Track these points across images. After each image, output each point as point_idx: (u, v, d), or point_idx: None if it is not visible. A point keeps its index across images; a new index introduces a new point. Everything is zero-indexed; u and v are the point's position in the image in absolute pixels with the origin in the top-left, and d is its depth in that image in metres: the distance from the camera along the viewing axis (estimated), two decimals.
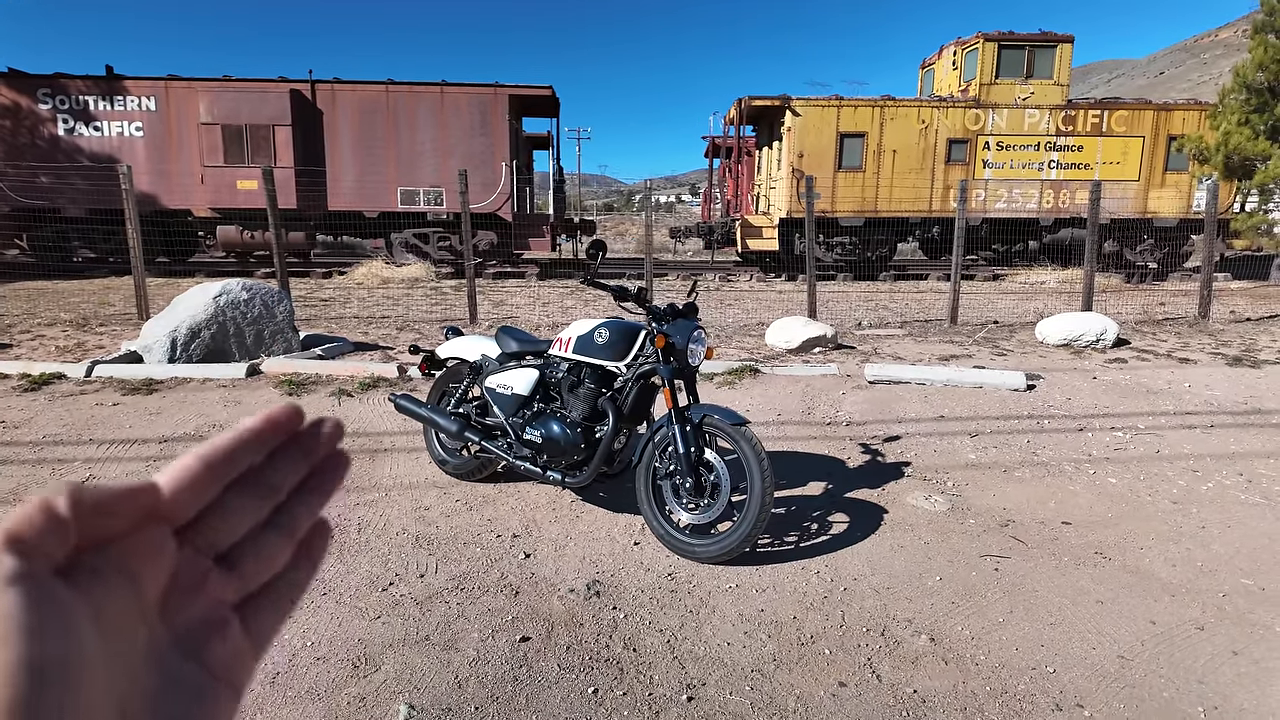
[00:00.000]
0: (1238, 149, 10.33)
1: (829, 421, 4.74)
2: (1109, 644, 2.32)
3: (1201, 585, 2.70)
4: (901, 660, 2.24)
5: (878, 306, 10.71)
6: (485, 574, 2.73)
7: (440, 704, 2.02)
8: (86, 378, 5.44)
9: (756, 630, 2.39)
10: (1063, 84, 15.44)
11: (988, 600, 2.59)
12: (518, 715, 1.98)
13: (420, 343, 6.91)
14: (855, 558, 2.89)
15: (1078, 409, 5.04)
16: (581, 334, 3.14)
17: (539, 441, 3.13)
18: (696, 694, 2.08)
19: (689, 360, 2.97)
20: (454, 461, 3.63)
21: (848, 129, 15.45)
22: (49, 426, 4.39)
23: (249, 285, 6.18)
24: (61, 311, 9.13)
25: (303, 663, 2.18)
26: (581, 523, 3.18)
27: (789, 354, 6.80)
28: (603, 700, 2.05)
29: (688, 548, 2.83)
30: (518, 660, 2.22)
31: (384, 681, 2.11)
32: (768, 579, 2.71)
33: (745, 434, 2.80)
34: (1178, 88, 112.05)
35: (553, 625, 2.41)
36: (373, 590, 2.60)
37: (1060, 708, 2.02)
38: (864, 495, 3.52)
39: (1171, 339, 7.65)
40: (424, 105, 14.83)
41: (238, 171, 14.43)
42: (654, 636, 2.36)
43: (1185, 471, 3.88)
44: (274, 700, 2.02)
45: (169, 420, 4.56)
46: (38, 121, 14.38)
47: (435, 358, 3.72)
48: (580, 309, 10.19)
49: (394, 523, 3.15)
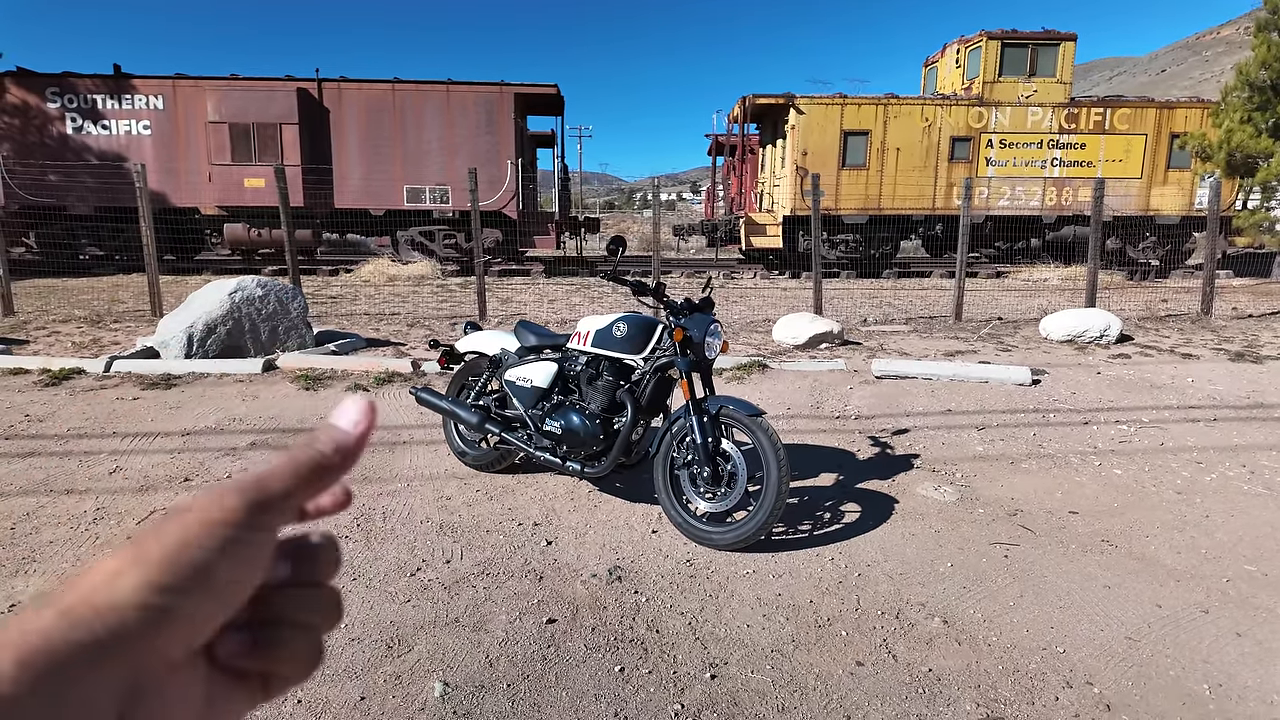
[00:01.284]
0: (1240, 146, 10.38)
1: (838, 415, 4.82)
2: (1117, 626, 2.40)
3: (1206, 571, 2.78)
4: (916, 641, 2.31)
5: (882, 303, 10.78)
6: (509, 560, 2.81)
7: (473, 681, 2.10)
8: (105, 373, 5.52)
9: (775, 613, 2.47)
10: (1065, 82, 15.49)
11: (998, 585, 2.67)
12: (548, 692, 2.06)
13: (435, 338, 6.98)
14: (868, 545, 2.97)
15: (1083, 403, 5.11)
16: (600, 328, 3.21)
17: (559, 433, 3.21)
18: (719, 672, 2.16)
19: (706, 353, 3.04)
20: (473, 453, 3.71)
21: (851, 127, 15.52)
22: (72, 420, 4.48)
23: (264, 282, 6.26)
24: (74, 309, 9.22)
25: (338, 643, 2.26)
26: (600, 512, 3.26)
27: (796, 350, 6.88)
28: (629, 678, 2.12)
29: (705, 535, 2.91)
30: (545, 641, 2.29)
31: (418, 661, 2.19)
32: (784, 565, 2.79)
33: (761, 424, 2.88)
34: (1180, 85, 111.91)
35: (577, 608, 2.49)
36: (401, 575, 2.68)
37: (1071, 685, 2.10)
38: (874, 486, 3.60)
39: (1174, 335, 7.72)
40: (430, 104, 14.91)
41: (245, 170, 14.52)
42: (675, 619, 2.43)
43: (1189, 463, 3.95)
44: (312, 679, 2.10)
45: (189, 414, 4.64)
46: (46, 120, 14.47)
47: (454, 352, 3.80)
48: (587, 306, 10.27)
49: (417, 511, 3.23)
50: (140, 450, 3.99)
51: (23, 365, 5.62)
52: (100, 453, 3.94)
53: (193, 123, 14.55)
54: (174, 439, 4.19)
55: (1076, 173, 15.74)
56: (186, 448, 4.06)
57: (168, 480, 3.56)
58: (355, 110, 14.90)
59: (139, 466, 3.74)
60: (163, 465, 3.77)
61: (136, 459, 3.86)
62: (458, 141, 14.97)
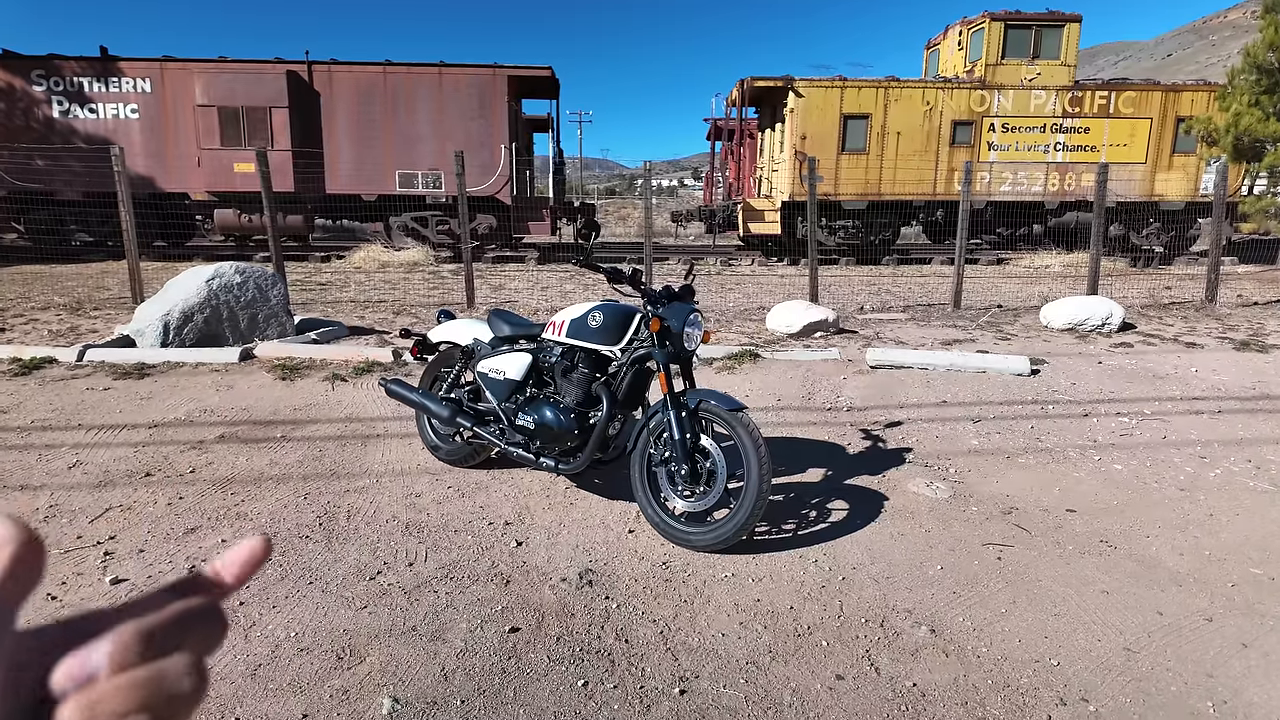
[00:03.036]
0: (1248, 130, 10.16)
1: (829, 407, 4.67)
2: (1115, 635, 2.25)
3: (1209, 575, 2.64)
4: (901, 652, 2.17)
5: (880, 290, 10.60)
6: (475, 562, 2.67)
7: (425, 697, 1.96)
8: (78, 362, 5.37)
9: (752, 621, 2.33)
10: (1070, 65, 15.21)
11: (990, 590, 2.52)
12: (505, 709, 1.93)
13: (415, 327, 6.83)
14: (854, 546, 2.83)
15: (1083, 394, 4.96)
16: (575, 318, 3.06)
17: (532, 427, 3.06)
18: (689, 687, 2.02)
19: (685, 344, 2.89)
20: (447, 447, 3.56)
21: (851, 110, 15.26)
22: (38, 411, 4.33)
23: (242, 268, 6.10)
24: (56, 295, 9.06)
25: (285, 654, 2.13)
26: (575, 510, 3.12)
27: (790, 339, 6.72)
28: (593, 693, 1.99)
29: (683, 536, 2.77)
30: (506, 652, 2.16)
31: (368, 674, 2.05)
32: (764, 568, 2.65)
33: (742, 420, 2.73)
34: (1186, 69, 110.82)
35: (543, 615, 2.35)
36: (360, 579, 2.54)
37: (1065, 702, 1.96)
38: (864, 482, 3.45)
39: (1178, 323, 7.55)
40: (422, 87, 14.66)
41: (235, 154, 14.29)
42: (647, 627, 2.30)
43: (1192, 458, 3.81)
44: (254, 693, 1.96)
45: (159, 405, 4.50)
46: (32, 103, 14.24)
47: (427, 341, 3.65)
48: (580, 293, 10.10)
49: (384, 510, 3.09)
50: (104, 443, 3.85)
51: None
52: (62, 445, 3.80)
53: (181, 106, 14.30)
54: (140, 431, 4.05)
55: (1080, 157, 15.49)
56: (152, 440, 3.92)
57: (127, 475, 3.42)
58: (346, 93, 14.65)
59: (100, 460, 3.60)
60: (125, 459, 3.62)
61: (99, 452, 3.72)
62: (450, 125, 14.73)
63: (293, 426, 4.17)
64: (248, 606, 2.35)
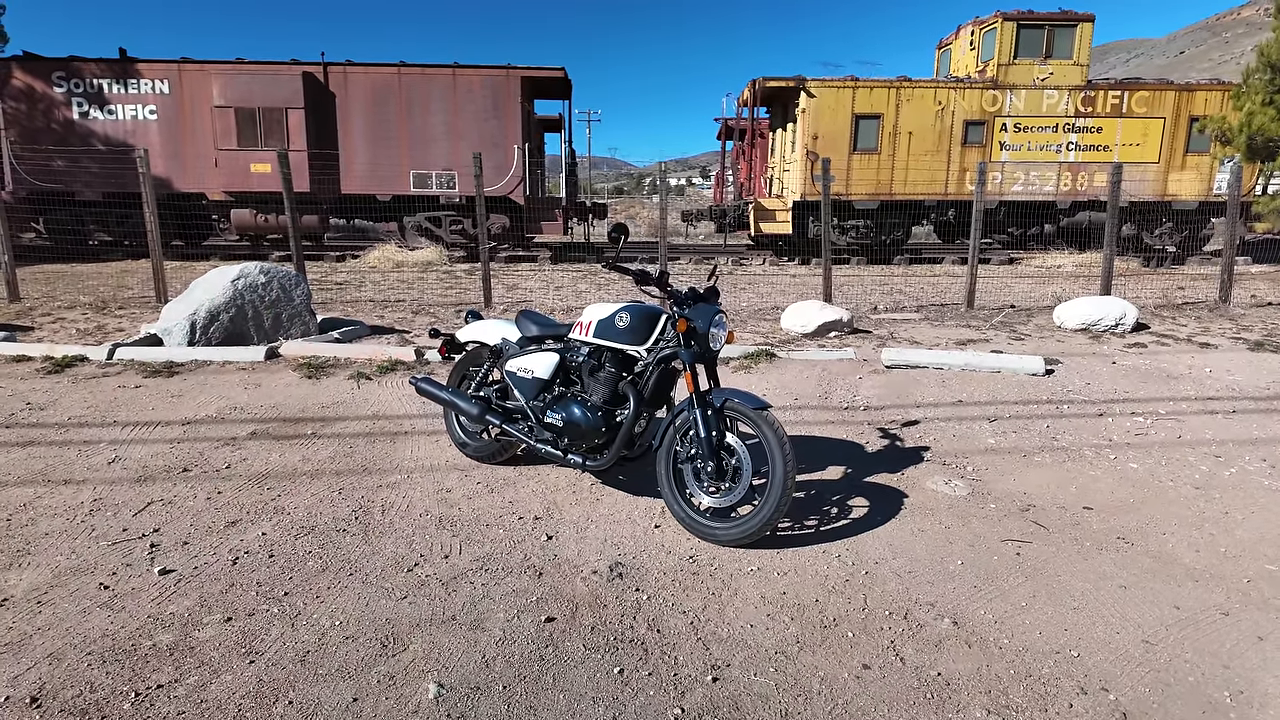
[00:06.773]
0: (1261, 130, 10.15)
1: (846, 406, 4.73)
2: (1133, 628, 2.32)
3: (1225, 570, 2.69)
4: (924, 643, 2.25)
5: (893, 290, 10.64)
6: (508, 555, 2.76)
7: (468, 683, 2.04)
8: (108, 360, 5.49)
9: (779, 613, 2.41)
10: (1082, 64, 15.19)
11: (1010, 584, 2.59)
12: (545, 694, 2.01)
13: (437, 326, 6.93)
14: (876, 542, 2.90)
15: (1097, 394, 5.00)
16: (602, 318, 3.14)
17: (560, 425, 3.14)
18: (721, 674, 2.10)
19: (710, 344, 2.96)
20: (475, 444, 3.65)
21: (863, 110, 15.28)
22: (74, 409, 4.45)
23: (266, 269, 6.21)
24: (80, 294, 9.22)
25: (332, 641, 2.22)
26: (602, 505, 3.20)
27: (805, 338, 6.78)
28: (629, 680, 2.07)
29: (709, 531, 2.85)
30: (543, 640, 2.24)
31: (412, 660, 2.14)
32: (789, 562, 2.72)
33: (767, 418, 2.80)
34: (1199, 67, 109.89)
35: (577, 606, 2.43)
36: (398, 571, 2.63)
37: (1085, 691, 2.03)
38: (883, 480, 3.52)
39: (1192, 323, 7.57)
40: (436, 87, 14.78)
41: (251, 154, 14.46)
42: (677, 618, 2.37)
43: (1207, 457, 3.85)
44: (305, 678, 2.05)
45: (191, 403, 4.61)
46: (52, 105, 14.44)
47: (455, 341, 3.74)
48: (594, 293, 10.18)
49: (416, 504, 3.18)
50: (140, 440, 3.96)
51: (26, 352, 5.60)
52: (100, 442, 3.91)
53: (198, 107, 14.48)
54: (174, 428, 4.16)
55: (1093, 157, 15.47)
56: (187, 437, 4.02)
57: (166, 471, 3.52)
58: (361, 94, 14.79)
59: (138, 456, 3.70)
60: (162, 455, 3.73)
61: (136, 449, 3.83)
62: (464, 126, 14.85)
63: (322, 424, 4.27)
64: (292, 597, 2.45)
